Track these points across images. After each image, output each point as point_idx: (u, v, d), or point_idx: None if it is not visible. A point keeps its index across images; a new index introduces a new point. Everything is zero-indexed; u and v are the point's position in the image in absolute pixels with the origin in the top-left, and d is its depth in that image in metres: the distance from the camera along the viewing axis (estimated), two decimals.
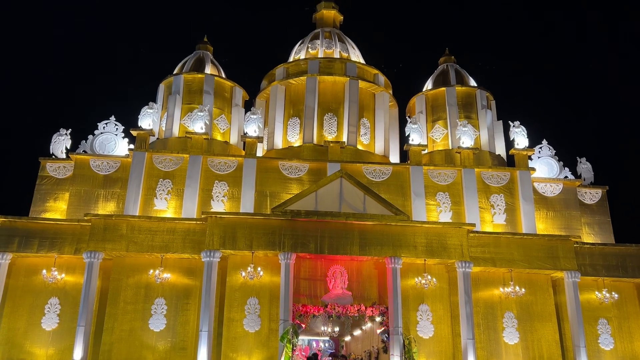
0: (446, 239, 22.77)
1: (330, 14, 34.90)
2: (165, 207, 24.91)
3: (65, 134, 26.77)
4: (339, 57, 31.87)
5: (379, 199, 23.26)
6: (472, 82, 30.72)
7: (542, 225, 26.15)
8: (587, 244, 24.74)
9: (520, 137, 27.23)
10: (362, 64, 31.80)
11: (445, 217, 25.54)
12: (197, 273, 22.39)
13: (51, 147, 26.52)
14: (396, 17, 74.47)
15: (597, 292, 23.69)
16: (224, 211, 24.19)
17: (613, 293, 23.48)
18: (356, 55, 32.99)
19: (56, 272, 22.40)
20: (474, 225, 23.46)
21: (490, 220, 25.79)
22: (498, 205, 26.02)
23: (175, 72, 29.93)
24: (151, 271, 22.02)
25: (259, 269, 21.93)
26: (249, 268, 21.77)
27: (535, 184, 26.78)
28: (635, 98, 65.27)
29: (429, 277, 22.43)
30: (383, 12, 74.00)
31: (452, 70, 31.08)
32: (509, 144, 27.82)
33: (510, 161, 27.84)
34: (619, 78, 67.47)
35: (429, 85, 31.44)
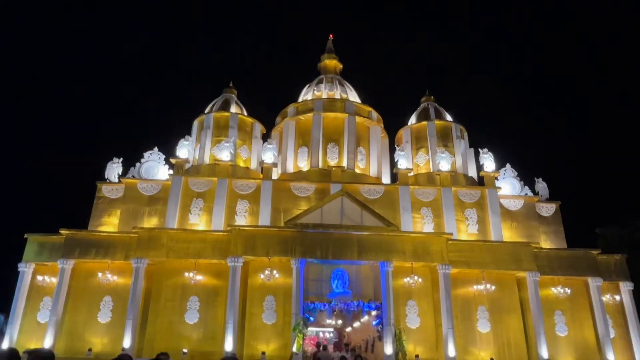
0: (429, 245, 22.79)
1: (332, 63, 35.40)
2: (197, 221, 25.08)
3: (118, 162, 27.05)
4: (339, 97, 32.18)
5: (374, 214, 23.32)
6: (449, 117, 30.93)
7: (508, 233, 26.18)
8: (545, 249, 24.81)
9: (488, 162, 27.36)
10: (359, 103, 32.09)
11: (428, 227, 25.61)
12: (224, 275, 22.32)
13: (106, 172, 26.76)
14: (386, 62, 75.51)
15: (553, 288, 23.68)
16: (246, 224, 24.35)
17: (566, 289, 23.50)
18: (353, 96, 33.29)
19: (109, 275, 22.56)
20: (451, 234, 23.54)
21: (465, 230, 25.87)
22: (471, 217, 26.12)
23: (206, 111, 30.35)
24: (186, 274, 22.12)
25: (275, 271, 22.00)
26: (266, 271, 21.87)
27: (501, 200, 26.83)
28: (580, 126, 65.65)
29: (416, 277, 22.46)
30: (376, 59, 75.10)
31: (431, 108, 31.33)
32: (479, 167, 27.90)
33: (480, 181, 27.92)
34: (568, 107, 68.02)
35: (413, 120, 31.66)
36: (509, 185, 27.71)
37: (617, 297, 24.68)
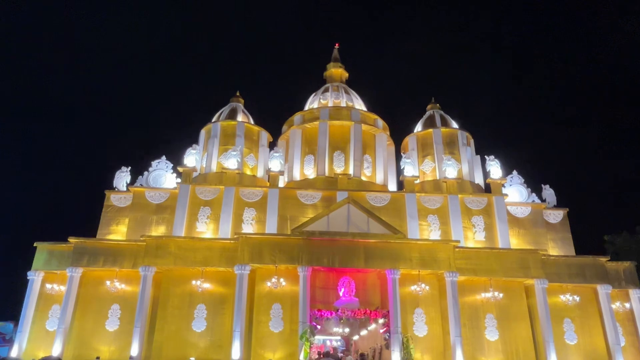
0: (436, 253, 22.67)
1: (337, 72, 35.54)
2: (205, 229, 25.13)
3: (126, 171, 27.18)
4: (345, 105, 32.27)
5: (380, 221, 23.26)
6: (454, 125, 30.92)
7: (515, 241, 26.02)
8: (553, 256, 24.56)
9: (494, 169, 27.26)
10: (364, 110, 32.18)
11: (435, 235, 25.52)
12: (231, 283, 22.26)
13: (114, 181, 26.87)
14: (391, 70, 75.63)
15: (562, 296, 23.41)
16: (253, 232, 24.41)
17: (575, 296, 23.23)
18: (359, 104, 33.39)
19: (117, 283, 22.59)
20: (458, 241, 23.39)
21: (472, 237, 25.74)
22: (478, 225, 26.00)
23: (213, 120, 30.51)
24: (194, 282, 22.11)
25: (282, 279, 21.92)
26: (273, 279, 21.80)
27: (508, 207, 26.71)
28: (586, 131, 65.26)
29: (423, 285, 22.30)
30: (381, 67, 75.26)
31: (437, 115, 31.33)
32: (486, 174, 27.82)
33: (487, 188, 27.81)
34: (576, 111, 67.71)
35: (419, 127, 31.65)
36: (516, 192, 27.59)
37: (627, 305, 24.36)
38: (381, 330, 22.21)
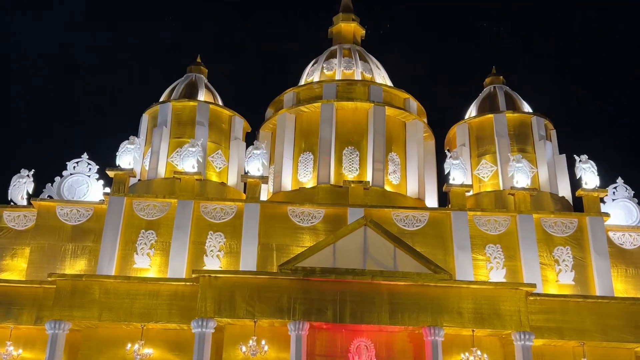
0: (499, 303, 22.57)
1: (349, 27, 35.49)
2: (147, 264, 24.84)
3: (27, 175, 26.89)
4: (360, 78, 32.16)
5: (414, 253, 23.10)
6: (527, 107, 30.76)
7: (621, 285, 25.63)
8: None
9: (589, 175, 26.99)
10: (390, 86, 32.06)
11: (498, 275, 25.19)
12: (186, 348, 22.13)
13: (9, 192, 26.57)
14: (427, 30, 75.10)
15: None
16: (220, 269, 24.15)
17: None
18: (382, 77, 33.25)
19: (12, 348, 22.24)
20: (534, 286, 23.19)
21: (555, 279, 25.40)
22: (564, 260, 25.61)
23: (162, 99, 30.36)
24: (129, 345, 21.88)
25: (263, 342, 21.68)
26: (250, 341, 21.52)
27: (610, 234, 26.36)
28: None
29: (479, 352, 22.09)
30: (410, 23, 74.51)
31: (500, 93, 31.22)
32: (575, 183, 27.65)
33: (577, 205, 27.65)
34: None
35: (472, 111, 31.54)
36: (621, 211, 27.27)
37: None
38: None
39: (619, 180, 27.93)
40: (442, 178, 28.40)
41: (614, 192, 27.58)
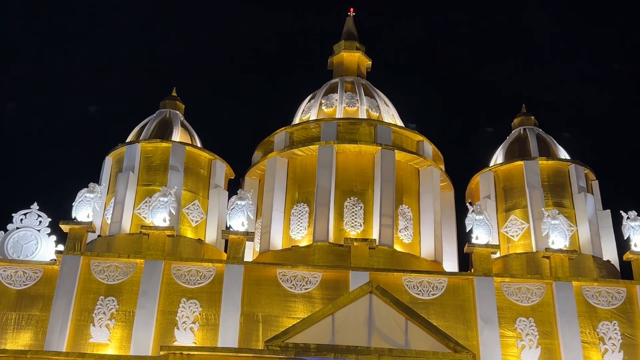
0: None
1: (353, 57, 36.05)
2: (106, 338, 24.56)
3: None
4: (365, 117, 32.47)
5: (429, 327, 22.81)
6: (564, 153, 31.03)
7: None
8: None
9: (638, 235, 26.92)
10: (400, 126, 32.41)
11: (531, 355, 25.03)
12: None
13: None
14: (445, 63, 75.92)
15: None
16: (194, 345, 24.03)
17: None
18: (391, 115, 33.55)
19: None
20: None
21: None
22: (610, 338, 25.38)
23: (129, 139, 30.58)
24: None
25: None
26: None
27: None
28: None
29: None
30: (424, 56, 75.25)
31: (532, 136, 31.47)
32: (623, 244, 27.66)
33: (625, 271, 27.63)
34: None
35: (498, 157, 31.78)
36: None
37: None
38: None
39: None
40: (463, 237, 28.44)
41: None
